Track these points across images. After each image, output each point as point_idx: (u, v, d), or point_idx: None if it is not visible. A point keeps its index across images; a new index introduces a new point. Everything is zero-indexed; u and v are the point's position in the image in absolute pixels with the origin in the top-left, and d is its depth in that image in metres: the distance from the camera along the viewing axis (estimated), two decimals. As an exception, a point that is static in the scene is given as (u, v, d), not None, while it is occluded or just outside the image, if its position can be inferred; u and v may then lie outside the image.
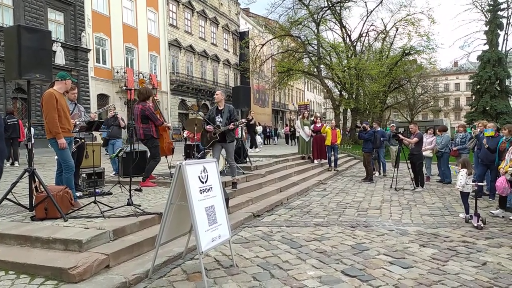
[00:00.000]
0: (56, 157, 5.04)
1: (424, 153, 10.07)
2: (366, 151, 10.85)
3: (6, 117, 10.56)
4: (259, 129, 22.12)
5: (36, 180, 4.67)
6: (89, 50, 22.75)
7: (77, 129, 5.40)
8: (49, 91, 4.78)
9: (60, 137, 4.71)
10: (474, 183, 5.97)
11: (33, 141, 5.35)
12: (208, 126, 6.60)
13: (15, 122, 10.59)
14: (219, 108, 6.73)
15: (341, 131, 21.76)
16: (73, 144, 5.43)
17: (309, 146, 12.85)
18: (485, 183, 7.66)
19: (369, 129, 11.10)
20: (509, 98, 30.61)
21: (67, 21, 21.65)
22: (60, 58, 20.11)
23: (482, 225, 5.50)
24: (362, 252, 4.36)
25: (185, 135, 10.83)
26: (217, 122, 6.62)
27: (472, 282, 3.50)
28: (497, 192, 6.40)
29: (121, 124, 8.25)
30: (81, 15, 22.39)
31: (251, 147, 13.89)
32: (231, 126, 6.48)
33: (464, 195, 6.00)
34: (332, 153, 12.71)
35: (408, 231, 5.34)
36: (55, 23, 21.11)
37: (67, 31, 21.60)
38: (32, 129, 5.58)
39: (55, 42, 19.64)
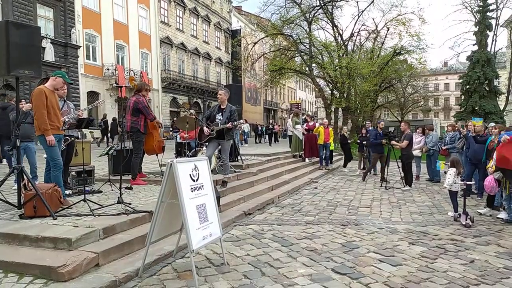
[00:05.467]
0: (45, 155, 4.99)
1: (413, 152, 10.16)
2: (377, 151, 10.37)
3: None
4: (245, 127, 21.93)
5: (25, 177, 4.61)
6: (79, 46, 22.46)
7: (66, 126, 5.34)
8: (39, 88, 4.73)
9: (48, 134, 4.66)
10: (462, 182, 6.05)
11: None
12: (205, 129, 6.65)
13: (3, 119, 10.41)
14: (222, 107, 6.78)
15: (333, 130, 21.80)
16: (63, 142, 5.38)
17: (301, 145, 12.88)
18: (473, 182, 7.76)
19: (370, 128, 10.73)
20: (497, 98, 31.01)
21: (56, 17, 21.34)
22: (49, 55, 19.81)
23: (470, 224, 5.58)
24: (352, 250, 4.40)
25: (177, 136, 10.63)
26: (217, 120, 6.69)
27: (460, 280, 3.55)
28: (485, 191, 6.49)
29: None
30: (71, 11, 22.09)
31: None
32: (229, 125, 6.53)
33: (453, 194, 6.07)
34: (324, 151, 12.77)
35: (397, 229, 5.39)
36: (45, 19, 20.80)
37: (57, 28, 21.30)
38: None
39: (45, 39, 19.36)
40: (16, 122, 5.27)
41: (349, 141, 13.94)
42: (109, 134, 19.11)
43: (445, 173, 8.06)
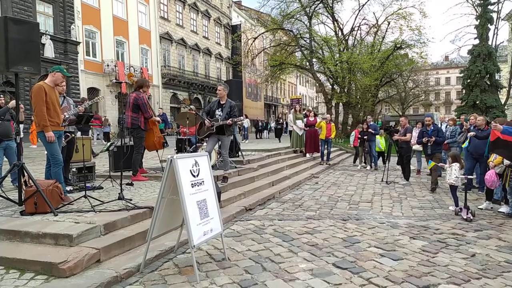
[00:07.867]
0: (46, 151, 4.98)
1: (414, 147, 10.13)
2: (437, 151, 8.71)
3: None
4: (245, 122, 21.86)
5: (25, 174, 4.61)
6: (79, 43, 22.40)
7: (66, 123, 5.33)
8: (38, 84, 4.71)
9: (48, 130, 4.65)
10: (463, 176, 6.04)
11: (22, 135, 5.27)
12: (206, 121, 6.64)
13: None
14: (221, 103, 6.79)
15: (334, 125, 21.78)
16: (63, 138, 5.36)
17: (302, 140, 12.87)
18: (474, 176, 7.74)
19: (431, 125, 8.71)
20: (498, 92, 30.89)
21: (56, 13, 21.27)
22: (49, 51, 19.78)
23: (471, 218, 5.57)
24: (353, 244, 4.40)
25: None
26: (217, 116, 6.70)
27: (461, 274, 3.55)
28: (486, 185, 6.48)
29: (21, 116, 5.37)
30: (71, 7, 22.01)
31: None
32: (228, 121, 6.54)
33: (454, 188, 6.07)
34: (326, 146, 12.76)
35: (398, 224, 5.39)
36: (44, 15, 20.74)
37: (56, 24, 21.24)
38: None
39: (44, 35, 19.32)
40: (15, 120, 5.26)
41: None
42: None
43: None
